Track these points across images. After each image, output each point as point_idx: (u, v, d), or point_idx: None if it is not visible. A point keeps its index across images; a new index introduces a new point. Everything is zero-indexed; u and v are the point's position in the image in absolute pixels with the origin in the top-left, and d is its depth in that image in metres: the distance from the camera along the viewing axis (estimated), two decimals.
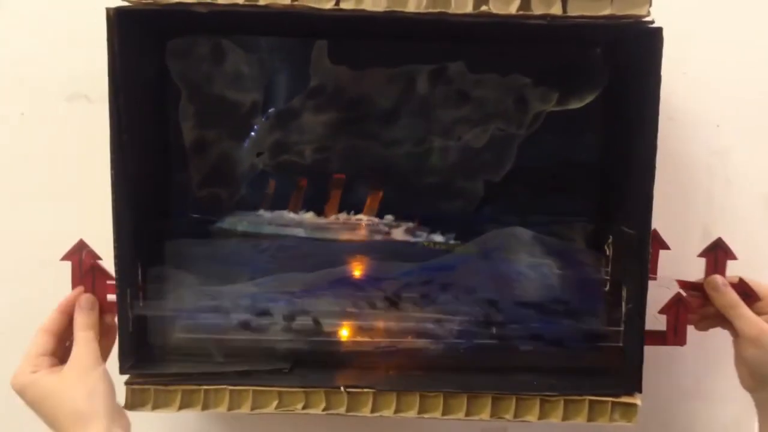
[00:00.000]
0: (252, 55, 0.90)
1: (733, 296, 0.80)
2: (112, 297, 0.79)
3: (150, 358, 0.82)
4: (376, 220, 0.90)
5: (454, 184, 0.94)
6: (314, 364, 0.83)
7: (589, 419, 0.80)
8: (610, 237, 0.87)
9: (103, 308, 0.79)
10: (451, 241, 0.90)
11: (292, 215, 0.91)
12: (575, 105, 0.90)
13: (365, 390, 0.79)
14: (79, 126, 0.94)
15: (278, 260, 0.87)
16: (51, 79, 0.94)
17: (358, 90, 0.90)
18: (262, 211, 0.92)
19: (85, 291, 0.79)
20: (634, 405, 0.79)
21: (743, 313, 0.79)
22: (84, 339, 0.75)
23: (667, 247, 0.82)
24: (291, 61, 0.91)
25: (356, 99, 0.91)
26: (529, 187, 0.93)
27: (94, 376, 0.72)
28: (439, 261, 0.85)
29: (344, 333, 0.85)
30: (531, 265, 0.84)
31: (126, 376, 0.80)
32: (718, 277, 0.81)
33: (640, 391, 0.79)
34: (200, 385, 0.79)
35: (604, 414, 0.79)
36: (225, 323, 0.81)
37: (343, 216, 0.91)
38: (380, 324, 0.84)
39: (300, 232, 0.90)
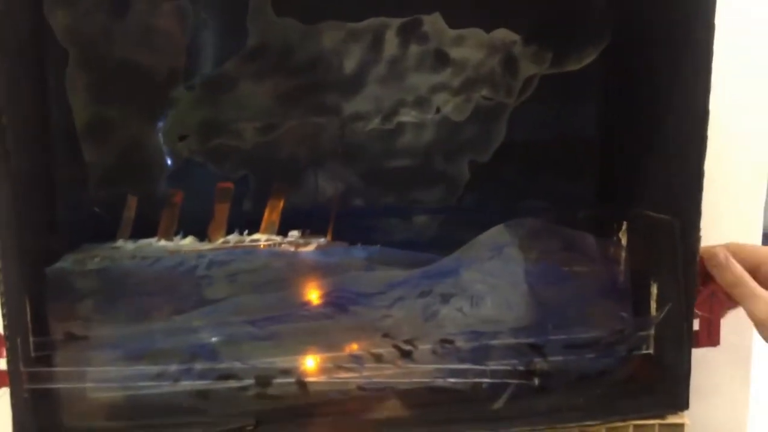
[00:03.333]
0: (169, 2, 0.67)
1: (739, 271, 0.67)
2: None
3: None
4: (278, 238, 0.69)
5: (433, 168, 0.76)
6: (285, 416, 0.62)
7: None
8: (625, 223, 0.74)
9: None
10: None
11: (163, 243, 0.68)
12: (573, 66, 0.76)
13: None
14: None
15: (212, 281, 0.65)
16: None
17: (310, 50, 0.72)
18: (120, 242, 0.68)
19: None
20: (681, 425, 0.66)
21: (753, 291, 0.66)
22: None
23: None
24: (222, 11, 0.70)
25: (308, 62, 0.72)
26: (521, 167, 0.77)
27: None
28: (438, 266, 0.67)
29: (310, 364, 0.65)
30: (545, 264, 0.69)
31: None
32: (719, 250, 0.67)
33: (687, 407, 0.66)
34: None
35: None
36: (172, 394, 0.58)
37: (233, 238, 0.69)
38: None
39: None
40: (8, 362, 0.53)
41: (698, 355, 0.69)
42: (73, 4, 0.65)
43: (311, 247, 0.69)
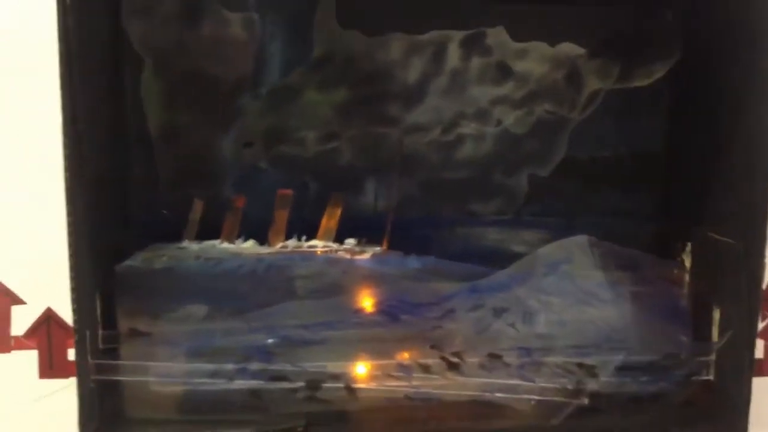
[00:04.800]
0: (238, 15, 0.69)
1: None
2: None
3: (121, 425, 0.61)
4: (335, 246, 0.71)
5: (491, 180, 0.76)
6: (334, 419, 0.64)
7: None
8: (688, 245, 0.72)
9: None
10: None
11: (226, 245, 0.70)
12: (641, 82, 0.74)
13: None
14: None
15: (270, 285, 0.67)
16: None
17: (373, 62, 0.73)
18: (186, 243, 0.71)
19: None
20: None
21: None
22: None
23: None
24: (289, 23, 0.72)
25: (371, 73, 0.73)
26: (582, 182, 0.76)
27: None
28: (491, 280, 0.67)
29: (361, 371, 0.66)
30: (602, 284, 0.68)
31: None
32: None
33: None
34: None
35: None
36: (227, 391, 0.61)
37: (292, 243, 0.71)
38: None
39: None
40: (77, 354, 0.57)
41: (760, 383, 0.67)
42: (149, 13, 0.68)
43: (366, 255, 0.70)
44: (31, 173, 0.66)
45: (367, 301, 0.66)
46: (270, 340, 0.63)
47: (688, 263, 0.72)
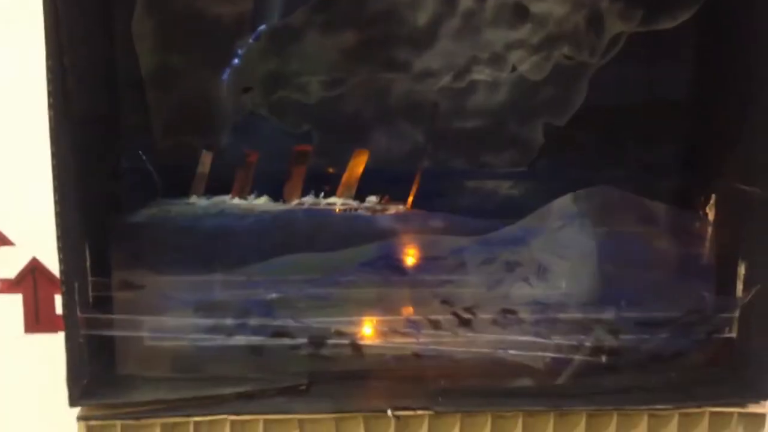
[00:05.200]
0: None
1: None
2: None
3: (113, 383, 0.58)
4: (354, 203, 0.66)
5: (505, 130, 0.72)
6: (338, 378, 0.61)
7: None
8: (713, 197, 0.68)
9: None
10: None
11: (237, 201, 0.66)
12: (665, 25, 0.69)
13: (419, 413, 0.58)
14: None
15: (277, 239, 0.63)
16: None
17: (380, 1, 0.68)
18: (194, 198, 0.67)
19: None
20: (762, 416, 0.61)
21: None
22: None
23: None
24: None
25: (378, 14, 0.69)
26: (601, 132, 0.72)
27: None
28: (504, 233, 0.64)
29: (366, 326, 0.63)
30: (620, 238, 0.64)
31: (77, 410, 0.55)
32: None
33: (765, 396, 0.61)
34: (189, 415, 0.57)
35: (726, 428, 0.61)
36: (225, 346, 0.57)
37: (309, 199, 0.67)
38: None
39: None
40: (64, 306, 0.53)
41: None
42: None
43: (389, 212, 0.67)
44: (16, 110, 0.62)
45: (373, 256, 0.62)
46: (273, 295, 0.60)
47: (711, 216, 0.68)
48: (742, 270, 0.64)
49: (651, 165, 0.72)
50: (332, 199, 0.66)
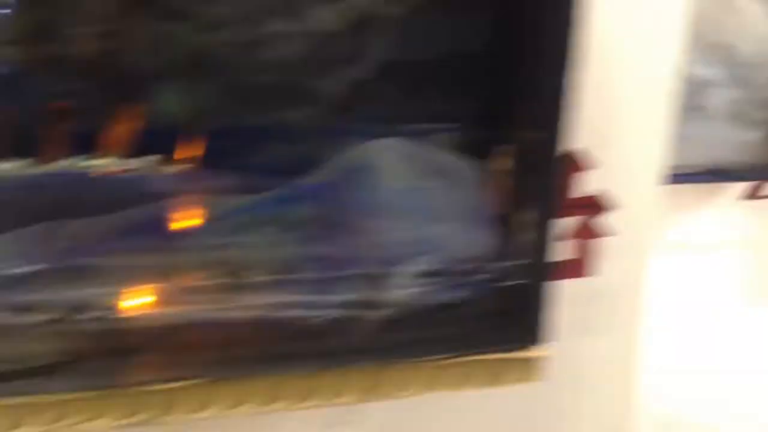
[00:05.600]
0: None
1: None
2: None
3: None
4: (126, 164, 0.59)
5: (300, 84, 0.69)
6: (102, 354, 0.56)
7: (490, 383, 0.61)
8: (502, 148, 0.67)
9: None
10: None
11: None
12: None
13: (193, 382, 0.54)
14: None
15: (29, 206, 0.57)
16: None
17: None
18: None
19: None
20: (539, 359, 0.61)
21: None
22: None
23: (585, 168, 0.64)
24: None
25: None
26: (402, 86, 0.70)
27: None
28: (283, 192, 0.61)
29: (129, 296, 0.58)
30: (407, 190, 0.63)
31: None
32: None
33: (547, 341, 0.61)
34: None
35: (504, 374, 0.61)
36: None
37: (69, 162, 0.59)
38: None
39: None
40: None
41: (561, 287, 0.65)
42: None
43: (169, 173, 0.62)
44: None
45: (140, 220, 0.58)
46: (23, 269, 0.54)
47: (504, 166, 0.68)
48: (520, 219, 0.64)
49: (449, 117, 0.71)
50: (98, 161, 0.61)
